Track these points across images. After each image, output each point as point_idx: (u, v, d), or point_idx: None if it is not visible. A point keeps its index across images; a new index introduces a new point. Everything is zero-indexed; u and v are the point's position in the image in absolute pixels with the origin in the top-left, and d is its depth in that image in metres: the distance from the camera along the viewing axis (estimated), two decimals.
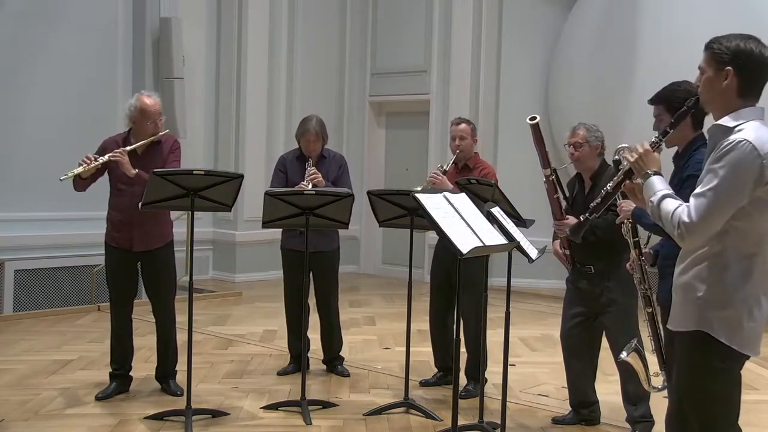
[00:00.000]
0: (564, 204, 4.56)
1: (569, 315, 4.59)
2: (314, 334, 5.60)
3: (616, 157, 3.33)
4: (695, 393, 2.74)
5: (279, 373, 5.50)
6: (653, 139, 2.92)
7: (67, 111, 8.13)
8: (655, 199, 2.69)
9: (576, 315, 4.54)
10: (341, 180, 5.45)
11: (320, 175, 5.23)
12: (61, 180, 4.66)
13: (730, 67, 2.62)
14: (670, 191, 2.71)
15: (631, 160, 2.87)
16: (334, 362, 5.63)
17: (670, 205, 2.64)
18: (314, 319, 5.59)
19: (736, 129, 2.61)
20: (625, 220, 3.53)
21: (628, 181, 3.01)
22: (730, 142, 2.57)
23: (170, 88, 8.92)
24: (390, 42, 10.48)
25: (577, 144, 4.45)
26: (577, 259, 4.49)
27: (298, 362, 5.46)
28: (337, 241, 5.55)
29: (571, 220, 4.42)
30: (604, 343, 4.59)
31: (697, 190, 2.59)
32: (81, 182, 4.77)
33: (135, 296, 5.03)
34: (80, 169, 4.64)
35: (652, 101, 3.63)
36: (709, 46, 2.71)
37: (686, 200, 2.66)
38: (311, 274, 5.45)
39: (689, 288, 2.70)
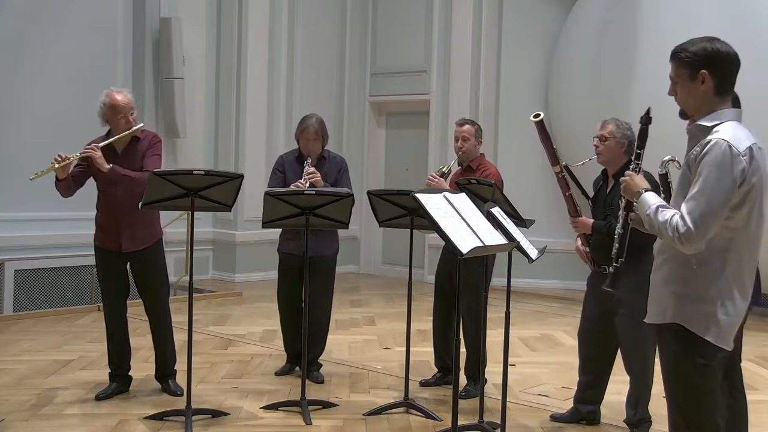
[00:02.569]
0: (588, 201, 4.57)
1: (586, 315, 4.58)
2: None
3: (662, 171, 3.30)
4: (677, 389, 2.81)
5: (277, 374, 5.48)
6: (632, 166, 3.08)
7: (67, 111, 8.12)
8: (650, 212, 2.76)
9: (591, 315, 4.53)
10: (341, 182, 5.37)
11: (319, 175, 5.16)
12: (30, 179, 4.60)
13: (704, 70, 2.72)
14: (663, 202, 2.79)
15: (622, 192, 3.00)
16: (310, 366, 5.37)
17: (666, 214, 2.71)
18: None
19: (714, 129, 2.70)
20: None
21: (632, 214, 3.11)
22: (708, 143, 2.66)
23: (170, 88, 8.93)
24: (390, 42, 10.49)
25: (603, 137, 4.41)
26: (594, 258, 4.46)
27: (294, 362, 5.45)
28: (336, 244, 5.48)
29: (586, 219, 4.42)
30: None
31: (688, 196, 2.66)
32: (64, 186, 4.71)
33: (127, 296, 5.00)
34: (50, 168, 4.57)
35: None
36: (675, 55, 2.79)
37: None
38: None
39: (667, 282, 2.80)
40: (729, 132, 2.68)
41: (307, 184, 5.04)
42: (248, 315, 7.61)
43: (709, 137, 2.68)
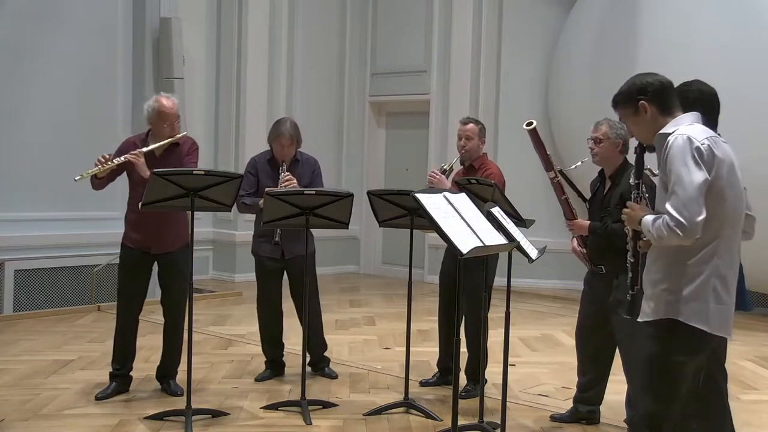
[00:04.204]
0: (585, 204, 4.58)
1: (583, 315, 4.58)
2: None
3: (636, 181, 3.31)
4: (655, 378, 2.94)
5: (257, 380, 5.37)
6: (633, 196, 3.18)
7: (67, 111, 8.13)
8: (649, 227, 2.90)
9: (589, 315, 4.53)
10: (315, 184, 5.31)
11: (295, 180, 5.12)
12: (75, 180, 4.67)
13: (642, 101, 2.98)
14: (657, 216, 2.92)
15: (628, 223, 3.11)
16: (320, 364, 5.50)
17: (659, 220, 2.86)
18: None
19: (674, 132, 2.90)
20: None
21: (641, 242, 3.17)
22: (668, 142, 2.87)
23: (170, 88, 8.91)
24: (390, 42, 10.49)
25: (597, 140, 4.42)
26: (591, 258, 4.46)
27: (274, 367, 5.43)
28: (313, 244, 5.38)
29: (582, 221, 4.42)
30: None
31: (668, 194, 2.84)
32: (98, 182, 4.80)
33: (145, 297, 5.01)
34: (95, 170, 4.64)
35: None
36: (615, 102, 3.09)
37: None
38: (288, 277, 5.38)
39: (658, 280, 2.93)
40: (685, 128, 2.89)
41: None
42: (248, 315, 7.59)
43: (669, 138, 2.88)
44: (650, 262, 2.99)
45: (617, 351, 4.48)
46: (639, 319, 3.02)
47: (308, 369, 5.41)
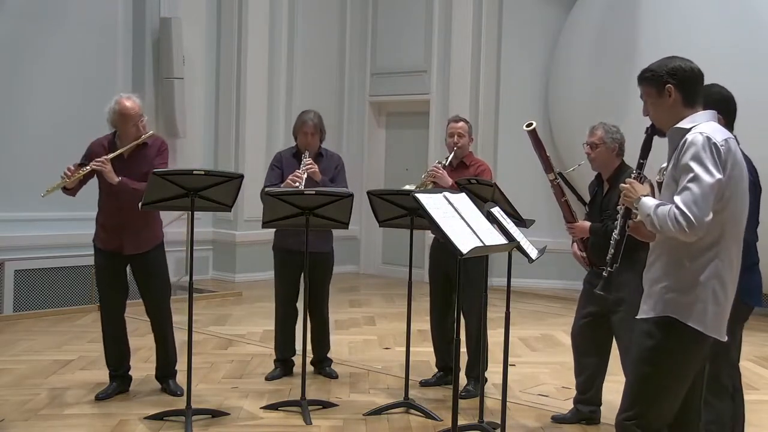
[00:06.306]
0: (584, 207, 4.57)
1: (581, 314, 4.58)
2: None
3: (659, 179, 3.31)
4: (650, 374, 2.90)
5: (267, 378, 5.39)
6: (633, 175, 3.13)
7: (67, 111, 8.13)
8: (650, 212, 2.86)
9: (587, 314, 4.53)
10: (337, 179, 5.38)
11: (317, 167, 5.18)
12: (42, 196, 4.65)
13: (669, 84, 2.91)
14: (660, 201, 2.89)
15: (624, 199, 3.08)
16: (322, 363, 5.55)
17: (664, 209, 2.81)
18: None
19: (692, 129, 2.85)
20: None
21: (630, 222, 3.16)
22: (687, 140, 2.82)
23: (170, 88, 8.93)
24: (390, 42, 10.48)
25: (594, 144, 4.42)
26: (593, 260, 4.46)
27: (285, 366, 5.45)
28: (331, 242, 5.48)
29: (582, 223, 4.42)
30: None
31: (679, 188, 2.79)
32: (69, 190, 4.74)
33: (126, 297, 4.98)
34: (61, 183, 4.61)
35: None
36: (642, 77, 3.00)
37: None
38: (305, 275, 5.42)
39: (657, 279, 2.91)
40: (706, 127, 2.83)
41: (305, 175, 5.07)
42: (248, 315, 7.61)
43: (687, 135, 2.83)
44: (651, 260, 2.97)
45: (614, 351, 4.49)
46: (637, 317, 3.02)
47: (310, 368, 5.44)
